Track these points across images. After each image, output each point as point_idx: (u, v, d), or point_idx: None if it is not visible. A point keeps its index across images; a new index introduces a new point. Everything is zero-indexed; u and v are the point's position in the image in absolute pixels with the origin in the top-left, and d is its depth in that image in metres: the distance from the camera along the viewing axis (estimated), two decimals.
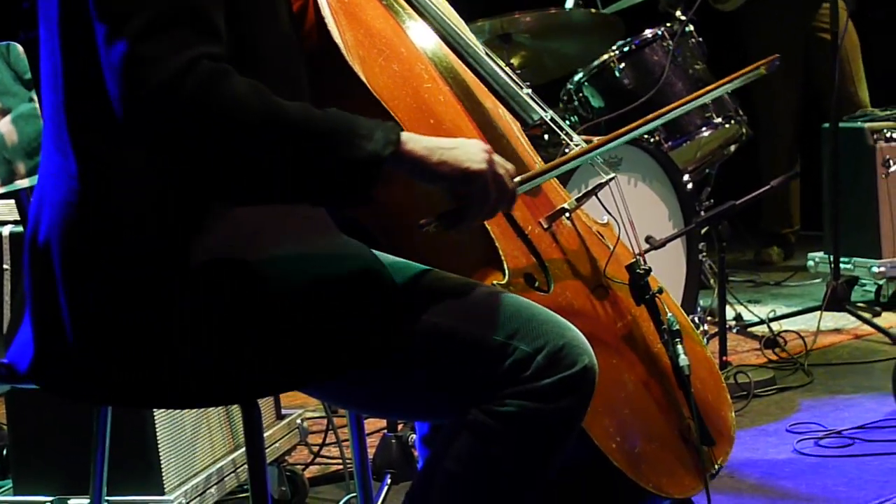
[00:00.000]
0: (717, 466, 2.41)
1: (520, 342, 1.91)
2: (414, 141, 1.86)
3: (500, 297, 1.98)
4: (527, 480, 1.92)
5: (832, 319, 5.13)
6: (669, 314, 2.40)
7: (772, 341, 4.73)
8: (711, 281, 4.88)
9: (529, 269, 2.24)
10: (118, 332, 1.83)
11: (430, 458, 1.96)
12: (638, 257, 2.45)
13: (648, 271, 2.41)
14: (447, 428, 1.95)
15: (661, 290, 2.43)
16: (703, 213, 4.37)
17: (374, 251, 1.97)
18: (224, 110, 1.73)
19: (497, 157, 1.93)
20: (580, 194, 2.44)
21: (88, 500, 2.19)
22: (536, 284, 2.22)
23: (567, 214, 2.38)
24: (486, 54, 2.36)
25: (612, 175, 2.49)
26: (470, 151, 1.89)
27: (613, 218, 2.55)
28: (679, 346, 2.36)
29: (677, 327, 2.39)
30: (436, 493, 1.92)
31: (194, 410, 2.98)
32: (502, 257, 2.18)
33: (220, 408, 3.08)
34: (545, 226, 2.33)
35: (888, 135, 5.28)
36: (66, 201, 1.85)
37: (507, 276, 2.16)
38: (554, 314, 1.99)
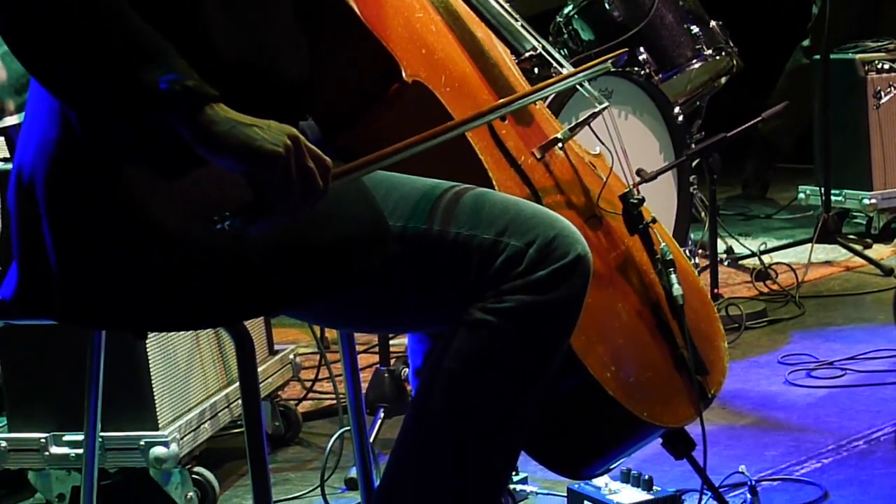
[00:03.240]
0: (710, 396, 2.42)
1: (510, 238, 1.91)
2: (214, 108, 1.71)
3: (486, 195, 1.97)
4: (529, 376, 1.92)
5: (823, 252, 5.16)
6: (663, 244, 2.41)
7: (763, 274, 4.75)
8: (702, 214, 4.89)
9: (523, 198, 2.21)
10: (101, 254, 1.82)
11: (431, 363, 1.95)
12: (631, 188, 2.44)
13: (642, 201, 2.41)
14: (446, 333, 1.93)
15: (653, 220, 2.43)
16: (693, 145, 4.36)
17: None
18: None
19: (310, 150, 1.74)
20: (572, 124, 2.43)
21: (83, 436, 2.19)
22: None
23: (560, 145, 2.38)
24: None
25: (606, 104, 2.48)
26: (269, 133, 1.71)
27: (606, 148, 2.54)
28: (673, 276, 2.37)
29: (671, 257, 2.39)
30: (438, 392, 1.91)
31: (187, 345, 3.00)
32: (496, 187, 2.18)
33: (212, 343, 3.09)
34: (538, 156, 2.33)
35: (879, 66, 5.27)
36: (55, 135, 1.84)
37: None
38: (542, 207, 1.98)
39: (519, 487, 2.97)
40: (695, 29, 4.57)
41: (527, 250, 1.90)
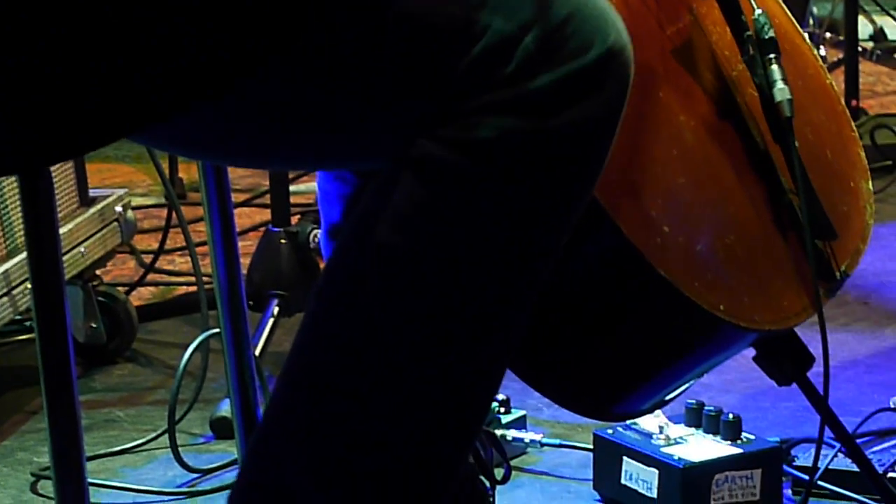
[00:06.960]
0: (838, 275, 2.43)
1: (493, 14, 1.90)
2: None
3: None
4: (521, 259, 1.94)
5: None
6: (758, 11, 2.40)
7: None
8: None
9: None
10: None
11: (353, 226, 1.98)
12: None
13: None
14: (380, 176, 1.96)
15: None
16: None
17: None
18: None
19: None
20: None
21: None
22: None
23: None
24: None
25: None
26: None
27: None
28: (774, 67, 2.37)
29: (772, 34, 2.38)
30: (366, 282, 1.94)
31: None
32: None
33: None
34: None
35: None
36: None
37: None
38: None
39: (512, 434, 3.04)
40: None
41: (521, 37, 1.91)
